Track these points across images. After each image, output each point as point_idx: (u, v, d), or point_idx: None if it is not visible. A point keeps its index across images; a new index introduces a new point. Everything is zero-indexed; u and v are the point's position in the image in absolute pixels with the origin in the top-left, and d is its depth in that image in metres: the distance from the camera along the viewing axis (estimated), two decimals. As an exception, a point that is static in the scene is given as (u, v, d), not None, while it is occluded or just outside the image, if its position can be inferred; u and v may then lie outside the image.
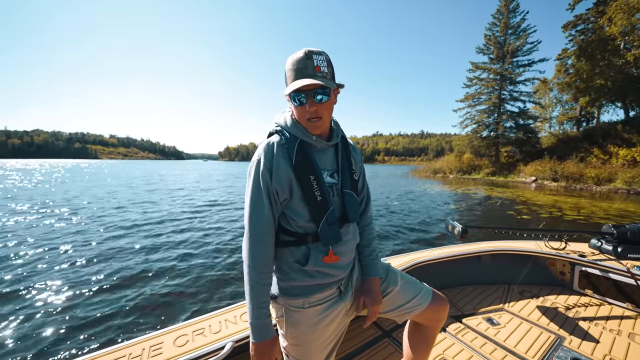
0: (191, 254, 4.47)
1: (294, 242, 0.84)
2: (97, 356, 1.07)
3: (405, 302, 1.01)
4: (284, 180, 0.81)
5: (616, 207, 9.40)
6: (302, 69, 0.77)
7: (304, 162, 0.82)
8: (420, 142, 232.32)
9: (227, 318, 1.32)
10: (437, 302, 1.04)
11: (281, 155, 0.82)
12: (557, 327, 1.74)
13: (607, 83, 20.24)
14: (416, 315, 1.03)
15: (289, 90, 0.77)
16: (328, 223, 0.83)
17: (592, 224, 6.94)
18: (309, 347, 0.87)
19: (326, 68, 0.79)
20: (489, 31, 26.46)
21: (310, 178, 0.82)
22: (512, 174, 22.42)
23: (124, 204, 9.15)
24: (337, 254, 0.86)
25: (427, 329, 1.09)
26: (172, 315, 2.71)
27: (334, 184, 0.89)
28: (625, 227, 2.03)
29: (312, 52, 0.78)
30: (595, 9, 21.72)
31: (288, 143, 0.83)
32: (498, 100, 25.73)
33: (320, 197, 0.82)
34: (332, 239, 0.84)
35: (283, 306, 0.86)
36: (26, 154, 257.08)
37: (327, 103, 0.81)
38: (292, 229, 0.84)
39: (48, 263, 3.97)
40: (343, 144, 0.95)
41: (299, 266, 0.83)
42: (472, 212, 8.88)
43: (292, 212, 0.83)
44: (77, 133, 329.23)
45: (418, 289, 1.05)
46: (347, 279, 0.95)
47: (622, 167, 16.60)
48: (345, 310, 0.94)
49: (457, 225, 1.89)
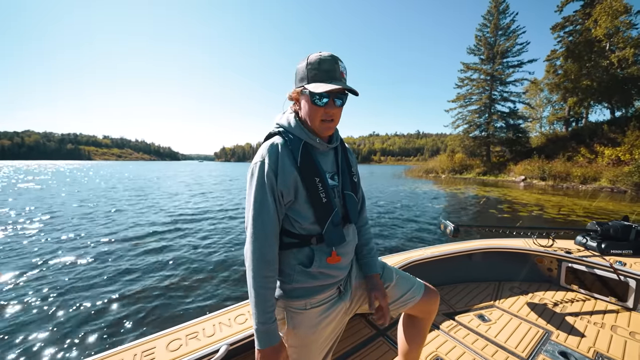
0: (183, 255, 4.40)
1: (297, 244, 0.84)
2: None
3: (399, 296, 1.04)
4: (290, 182, 0.80)
5: (595, 205, 9.63)
6: (330, 71, 0.79)
7: (309, 164, 0.83)
8: (416, 142, 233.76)
9: (221, 321, 1.31)
10: (429, 295, 1.08)
11: (286, 156, 0.81)
12: (545, 322, 1.80)
13: (593, 84, 20.67)
14: (410, 308, 1.06)
15: (320, 89, 0.76)
16: (334, 224, 0.84)
17: (570, 221, 7.11)
18: (309, 349, 0.87)
19: (346, 75, 0.84)
20: (479, 32, 26.81)
21: (316, 180, 0.82)
22: (502, 174, 22.75)
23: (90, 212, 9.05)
24: (339, 254, 0.86)
25: (420, 321, 1.12)
26: (165, 319, 2.66)
27: (335, 186, 0.90)
28: (609, 224, 2.12)
29: (338, 58, 0.81)
30: (583, 10, 22.15)
31: (292, 145, 0.83)
32: (489, 100, 26.07)
33: (325, 199, 0.83)
34: (337, 240, 0.85)
35: (284, 308, 0.86)
36: (16, 156, 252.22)
37: (341, 108, 0.84)
38: (296, 230, 0.84)
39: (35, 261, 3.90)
40: (342, 147, 0.98)
41: (302, 268, 0.83)
42: (456, 209, 9.01)
43: (297, 214, 0.83)
44: (70, 134, 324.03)
45: (411, 282, 1.08)
46: (346, 280, 0.97)
47: (607, 166, 16.98)
48: (344, 310, 0.95)
49: (449, 224, 1.92)
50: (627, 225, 2.08)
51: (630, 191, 13.71)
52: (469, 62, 27.26)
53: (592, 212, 8.29)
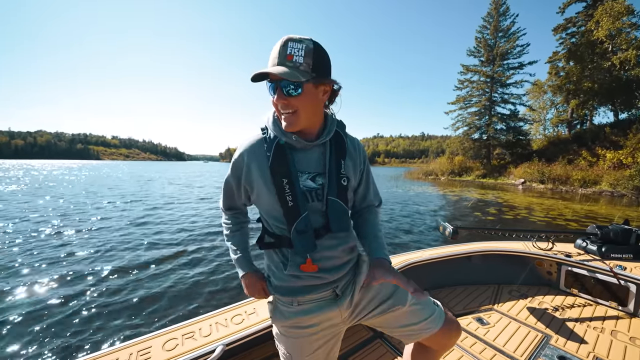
0: (179, 255, 4.38)
1: (275, 244, 0.83)
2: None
3: (411, 323, 0.90)
4: (255, 180, 0.79)
5: (587, 208, 9.45)
6: (274, 57, 0.69)
7: (279, 163, 0.76)
8: (420, 144, 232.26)
9: (218, 321, 1.31)
10: (449, 327, 0.92)
11: (259, 154, 0.79)
12: (544, 325, 1.78)
13: (595, 86, 20.31)
14: (424, 338, 0.92)
15: (252, 77, 0.69)
16: (297, 231, 0.76)
17: (555, 224, 7.02)
18: (298, 342, 0.84)
19: (302, 58, 0.67)
20: (479, 34, 26.62)
21: (283, 181, 0.76)
22: (502, 176, 22.45)
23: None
24: (316, 262, 0.79)
25: (432, 353, 0.98)
26: (161, 319, 2.63)
27: (314, 189, 0.80)
28: (609, 227, 2.09)
29: (290, 39, 0.68)
30: (585, 12, 21.82)
31: (268, 143, 0.78)
32: (489, 102, 25.80)
33: (291, 202, 0.76)
34: (305, 248, 0.78)
35: (274, 301, 0.88)
36: (29, 155, 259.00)
37: (303, 97, 0.70)
38: (272, 230, 0.83)
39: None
40: (336, 143, 0.84)
41: (283, 267, 0.82)
42: (443, 211, 8.95)
43: (268, 214, 0.82)
44: (80, 134, 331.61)
45: (430, 310, 0.92)
46: (347, 284, 0.88)
47: (608, 169, 16.62)
48: (340, 317, 0.86)
49: (448, 226, 1.90)
50: (627, 229, 2.04)
51: (631, 195, 13.39)
52: (469, 64, 27.07)
53: (581, 215, 8.15)
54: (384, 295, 0.91)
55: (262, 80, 0.72)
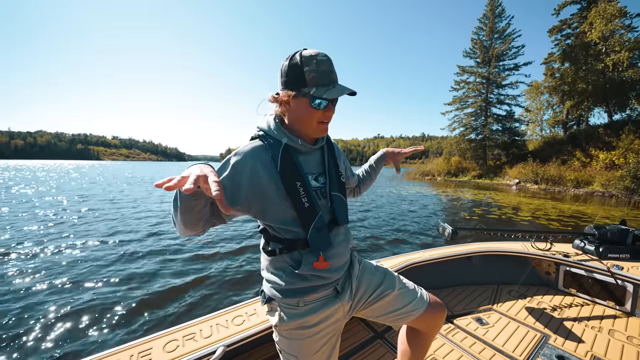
0: (179, 255, 4.35)
1: (285, 249, 0.83)
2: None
3: (401, 307, 0.99)
4: (265, 186, 0.78)
5: (574, 208, 9.60)
6: (328, 72, 0.75)
7: (289, 167, 0.80)
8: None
9: (219, 322, 1.32)
10: (433, 308, 1.02)
11: (265, 160, 0.79)
12: (543, 325, 1.79)
13: (589, 87, 20.48)
14: (412, 320, 1.01)
15: (333, 95, 0.75)
16: (317, 229, 0.81)
17: (538, 224, 7.16)
18: (304, 342, 0.85)
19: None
20: (475, 35, 26.82)
21: (297, 184, 0.79)
22: (497, 177, 22.63)
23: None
24: (327, 259, 0.84)
25: (423, 335, 1.06)
26: (162, 321, 2.63)
27: (319, 188, 0.87)
28: (606, 228, 2.11)
29: (327, 54, 0.77)
30: (580, 14, 21.98)
31: (272, 149, 0.80)
32: (484, 103, 25.98)
33: (307, 203, 0.80)
34: (322, 245, 0.83)
35: (278, 305, 0.87)
36: (29, 155, 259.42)
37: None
38: (281, 235, 0.83)
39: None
40: (328, 145, 0.94)
41: (292, 270, 0.83)
42: (434, 211, 9.10)
43: (280, 221, 0.82)
44: (80, 134, 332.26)
45: (414, 293, 1.02)
46: (344, 279, 0.94)
47: (600, 170, 16.79)
48: (342, 311, 0.91)
49: (447, 227, 1.90)
50: (624, 229, 2.07)
51: (621, 195, 13.54)
52: (465, 65, 27.28)
53: (566, 215, 8.30)
54: (376, 283, 1.01)
55: (340, 95, 0.77)
